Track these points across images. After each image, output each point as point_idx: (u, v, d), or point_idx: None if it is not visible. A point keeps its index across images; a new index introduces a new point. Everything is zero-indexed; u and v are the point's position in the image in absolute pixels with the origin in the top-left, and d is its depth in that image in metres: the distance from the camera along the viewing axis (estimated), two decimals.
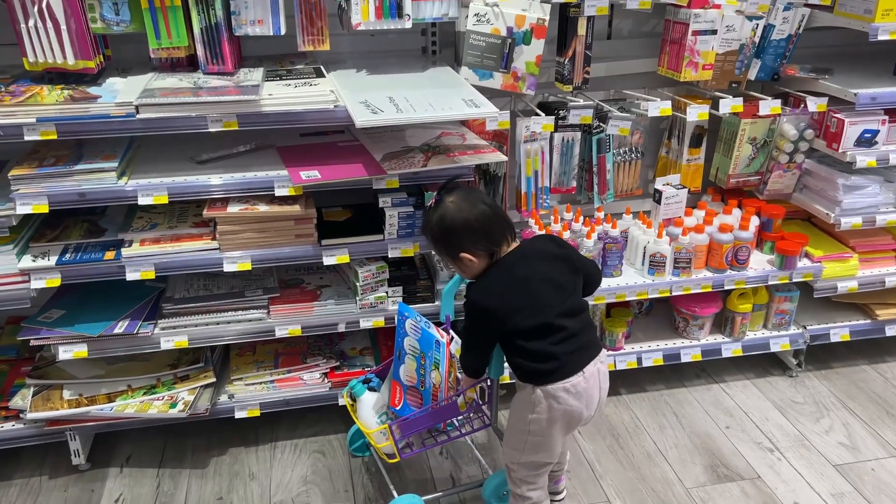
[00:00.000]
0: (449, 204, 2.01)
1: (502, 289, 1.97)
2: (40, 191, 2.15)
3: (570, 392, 1.94)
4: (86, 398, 2.42)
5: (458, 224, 1.98)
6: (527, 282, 1.96)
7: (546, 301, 1.95)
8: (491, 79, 2.51)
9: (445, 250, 2.04)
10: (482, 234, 1.98)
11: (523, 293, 1.95)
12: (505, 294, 1.96)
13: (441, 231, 2.01)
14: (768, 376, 3.05)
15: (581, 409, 1.98)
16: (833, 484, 2.48)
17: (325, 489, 2.46)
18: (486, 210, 1.99)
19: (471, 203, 1.99)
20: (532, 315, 1.93)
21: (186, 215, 2.43)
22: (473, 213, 1.98)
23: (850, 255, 2.93)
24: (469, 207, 1.99)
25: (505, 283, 1.97)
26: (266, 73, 2.38)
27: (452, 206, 2.00)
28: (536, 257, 2.01)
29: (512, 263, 2.00)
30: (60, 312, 2.41)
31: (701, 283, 2.78)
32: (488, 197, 2.03)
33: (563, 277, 2.01)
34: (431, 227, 2.04)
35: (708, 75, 2.66)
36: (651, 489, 2.46)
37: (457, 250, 2.00)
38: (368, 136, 2.55)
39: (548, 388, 1.94)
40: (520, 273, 1.98)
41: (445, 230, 2.00)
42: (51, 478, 2.52)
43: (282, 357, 2.67)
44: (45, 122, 2.07)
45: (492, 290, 1.97)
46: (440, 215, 2.01)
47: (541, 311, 1.94)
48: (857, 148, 2.71)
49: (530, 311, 1.93)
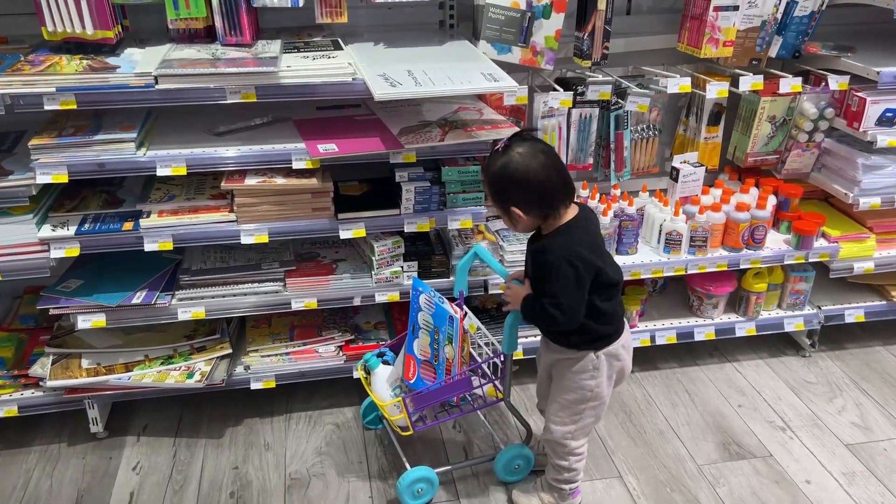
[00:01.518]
0: (515, 154, 1.92)
1: (586, 244, 1.96)
2: (60, 160, 2.16)
3: (626, 347, 2.11)
4: (104, 367, 2.45)
5: (518, 178, 1.92)
6: (597, 240, 2.04)
7: (612, 261, 2.05)
8: (509, 53, 2.49)
9: (498, 199, 2.00)
10: (537, 195, 1.93)
11: (601, 250, 2.02)
12: (590, 248, 1.96)
13: (500, 179, 1.95)
14: (782, 356, 3.05)
15: (629, 362, 2.15)
16: (845, 463, 2.49)
17: (340, 460, 2.49)
18: (549, 171, 1.92)
19: (537, 160, 1.91)
20: (613, 270, 2.02)
21: (204, 187, 2.44)
22: (536, 171, 1.91)
23: (867, 236, 2.91)
24: (535, 165, 1.91)
25: (584, 238, 1.97)
26: (284, 45, 2.37)
27: (518, 157, 1.92)
28: (592, 224, 2.06)
29: (583, 225, 2.00)
30: (79, 282, 2.44)
31: (716, 262, 2.77)
32: (557, 157, 1.96)
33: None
34: (490, 173, 1.97)
35: (728, 52, 2.64)
36: (663, 465, 2.47)
37: (508, 203, 1.96)
38: (385, 110, 2.55)
39: (609, 349, 2.06)
40: (593, 230, 2.03)
41: (504, 180, 1.94)
42: (69, 445, 2.56)
43: (297, 330, 2.69)
44: (65, 91, 2.07)
45: (579, 244, 1.94)
46: (503, 164, 1.93)
47: (613, 269, 2.03)
48: (878, 127, 2.68)
49: (611, 267, 2.02)
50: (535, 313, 2.01)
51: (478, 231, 2.73)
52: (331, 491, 2.37)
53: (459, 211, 2.47)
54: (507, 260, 2.62)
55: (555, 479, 2.22)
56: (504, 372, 2.32)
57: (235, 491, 2.37)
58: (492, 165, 1.97)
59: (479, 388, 2.33)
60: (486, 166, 2.02)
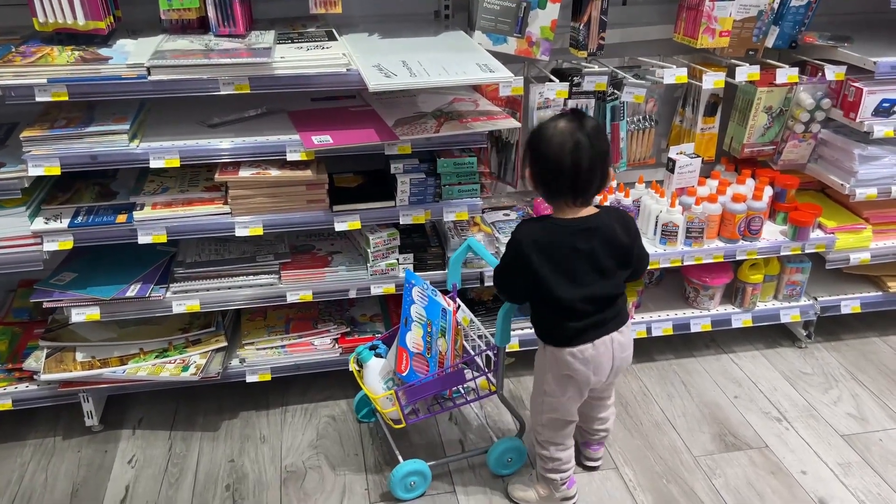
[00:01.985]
0: (553, 125, 1.91)
1: (544, 245, 1.93)
2: (52, 152, 2.14)
3: (577, 357, 2.02)
4: (98, 360, 2.44)
5: (538, 146, 1.93)
6: (577, 257, 1.95)
7: (583, 282, 1.96)
8: (505, 44, 2.48)
9: (524, 156, 2.02)
10: (544, 172, 1.94)
11: (567, 266, 1.94)
12: (543, 249, 1.93)
13: (530, 138, 1.98)
14: (778, 347, 3.05)
15: (588, 375, 2.05)
16: (840, 454, 2.49)
17: (335, 453, 2.49)
18: (565, 160, 1.88)
19: (565, 143, 1.88)
20: (566, 288, 1.95)
21: (198, 179, 2.43)
22: (555, 151, 1.89)
23: (863, 227, 2.91)
24: (558, 144, 1.88)
25: (550, 240, 1.94)
26: (277, 35, 2.36)
27: (553, 129, 1.91)
28: (601, 237, 1.96)
29: (575, 232, 1.95)
30: (73, 275, 2.42)
31: (713, 254, 2.76)
32: (590, 155, 1.88)
33: (610, 265, 1.99)
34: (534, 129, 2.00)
35: (725, 42, 2.62)
36: (659, 457, 2.48)
37: (526, 163, 1.99)
38: (380, 101, 2.53)
39: (556, 350, 2.04)
40: (579, 245, 1.94)
41: (530, 140, 1.97)
42: (64, 438, 2.55)
43: (293, 322, 2.68)
44: (56, 83, 2.05)
45: (532, 236, 1.94)
46: (541, 127, 1.94)
47: (571, 290, 1.96)
48: (874, 118, 2.67)
49: (565, 285, 1.95)
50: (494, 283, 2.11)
51: (474, 223, 2.72)
52: (326, 483, 2.37)
53: (455, 203, 2.46)
54: (502, 252, 2.60)
55: (543, 468, 2.22)
56: (497, 365, 2.32)
57: (231, 484, 2.37)
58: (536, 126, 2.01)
59: (471, 380, 2.33)
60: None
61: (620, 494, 2.33)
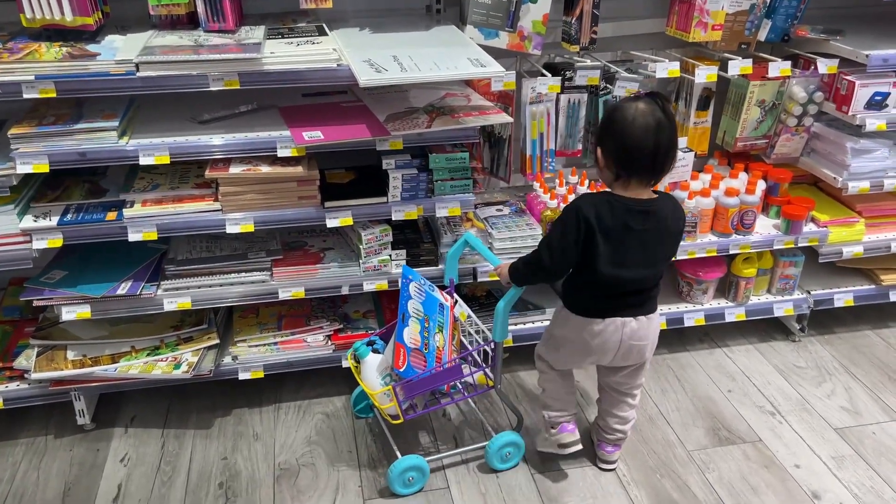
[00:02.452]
0: (633, 106, 1.95)
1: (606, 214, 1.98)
2: (40, 150, 2.13)
3: (585, 328, 2.12)
4: (90, 359, 2.42)
5: (616, 125, 1.96)
6: (629, 236, 2.01)
7: (628, 263, 2.03)
8: (496, 38, 2.47)
9: (598, 134, 2.06)
10: (622, 154, 1.97)
11: (617, 243, 2.00)
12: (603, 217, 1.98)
13: (605, 118, 2.03)
14: (771, 341, 3.06)
15: (591, 349, 2.15)
16: (834, 447, 2.50)
17: (329, 450, 2.48)
18: (645, 139, 1.92)
19: (644, 122, 1.92)
20: (609, 265, 2.01)
21: (188, 176, 2.41)
22: (635, 130, 1.93)
23: (856, 220, 2.91)
24: (640, 124, 1.92)
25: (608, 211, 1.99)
26: (268, 31, 2.34)
27: (632, 110, 1.94)
28: (655, 221, 2.02)
29: (633, 211, 2.00)
30: (63, 273, 2.41)
31: (706, 248, 2.76)
32: (667, 135, 1.94)
33: (656, 253, 2.07)
34: (609, 109, 2.04)
35: (717, 36, 2.62)
36: (653, 451, 2.47)
37: (599, 142, 2.03)
38: (371, 96, 2.52)
39: (571, 315, 2.15)
40: (633, 225, 2.00)
41: (607, 119, 2.02)
42: (56, 437, 2.54)
43: (285, 319, 2.67)
44: (44, 79, 2.04)
45: (594, 205, 1.99)
46: (617, 106, 2.00)
47: (613, 269, 2.02)
48: (867, 111, 2.67)
49: (610, 262, 2.01)
50: (525, 258, 2.13)
51: (466, 218, 2.71)
52: (320, 480, 2.36)
53: (447, 198, 2.45)
54: (495, 247, 2.60)
55: (541, 403, 2.39)
56: (495, 360, 2.31)
57: (224, 481, 2.36)
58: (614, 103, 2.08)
59: (469, 375, 2.32)
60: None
61: (614, 489, 2.33)
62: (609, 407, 2.32)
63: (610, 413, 2.32)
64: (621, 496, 2.30)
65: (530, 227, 2.65)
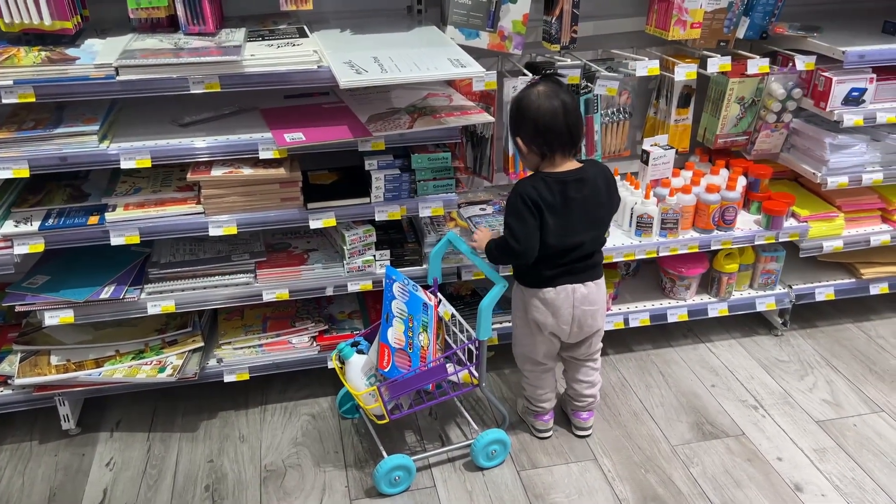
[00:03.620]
0: (535, 90, 2.12)
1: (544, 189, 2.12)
2: (20, 155, 2.12)
3: (539, 299, 2.24)
4: (73, 363, 2.41)
5: (528, 112, 2.12)
6: (570, 205, 2.14)
7: (573, 231, 2.17)
8: (477, 38, 2.48)
9: (510, 128, 2.22)
10: (539, 133, 2.12)
11: (562, 214, 2.14)
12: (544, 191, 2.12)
13: (514, 108, 2.18)
14: (754, 335, 3.09)
15: (547, 316, 2.26)
16: (816, 439, 2.53)
17: (316, 451, 2.48)
18: (557, 116, 2.09)
19: (550, 102, 2.09)
20: (556, 236, 2.14)
21: (170, 179, 2.41)
22: (546, 111, 2.09)
23: (835, 215, 2.94)
24: (547, 105, 2.09)
25: (548, 190, 2.12)
26: (248, 33, 2.34)
27: (535, 94, 2.11)
28: (590, 187, 2.17)
29: (567, 182, 2.14)
30: (45, 278, 2.40)
31: (688, 244, 2.79)
32: (574, 109, 2.13)
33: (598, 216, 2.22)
34: (512, 101, 2.19)
35: (696, 34, 2.64)
36: (637, 447, 2.49)
37: (514, 133, 2.19)
38: (353, 97, 2.52)
39: (525, 291, 2.27)
40: (572, 194, 2.14)
41: (516, 110, 2.17)
42: (41, 443, 2.53)
43: (270, 321, 2.67)
44: (23, 84, 2.03)
45: (536, 188, 2.12)
46: (522, 95, 2.16)
47: (560, 238, 2.15)
48: (844, 107, 2.70)
49: (557, 233, 2.14)
50: (497, 244, 2.22)
51: (450, 218, 2.72)
52: (307, 481, 2.36)
53: (430, 198, 2.46)
54: None
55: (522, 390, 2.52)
56: (479, 358, 2.33)
57: (210, 484, 2.36)
58: (513, 98, 2.19)
59: (454, 374, 2.33)
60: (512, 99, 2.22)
61: (599, 485, 2.34)
62: (575, 374, 2.45)
63: (577, 380, 2.45)
64: (606, 491, 2.32)
65: None
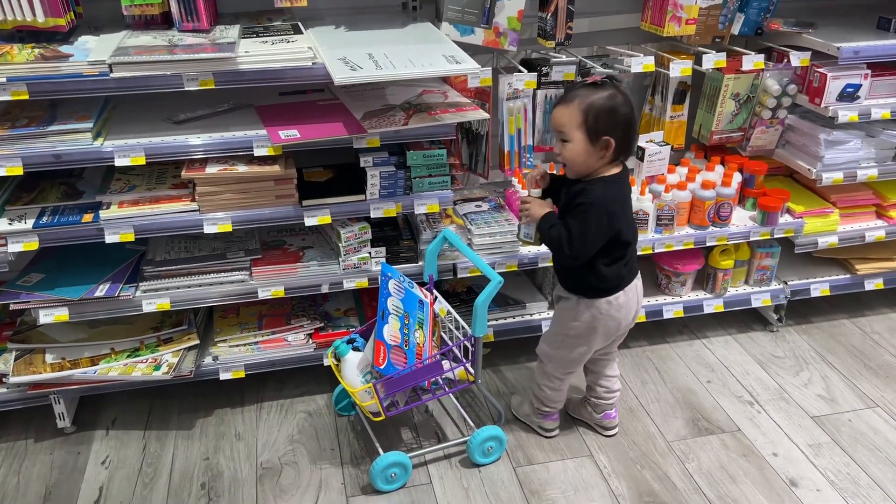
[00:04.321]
0: (617, 95, 2.03)
1: (623, 200, 2.15)
2: (14, 152, 2.11)
3: (612, 305, 2.22)
4: (69, 362, 2.41)
5: (619, 115, 2.03)
6: (629, 202, 2.19)
7: (635, 228, 2.21)
8: (472, 35, 2.48)
9: (594, 125, 2.03)
10: (627, 137, 2.08)
11: (629, 211, 2.19)
12: (624, 206, 2.15)
13: (606, 107, 2.02)
14: (749, 331, 3.09)
15: (620, 322, 2.26)
16: (811, 435, 2.53)
17: (312, 448, 2.48)
18: (634, 121, 2.09)
19: (630, 108, 2.07)
20: (630, 230, 2.17)
21: (165, 177, 2.40)
22: (631, 115, 2.07)
23: (831, 211, 2.94)
24: (629, 110, 2.06)
25: (624, 196, 2.15)
26: (242, 30, 2.34)
27: (620, 97, 2.04)
28: (628, 185, 2.19)
29: (626, 180, 2.16)
30: (40, 276, 2.39)
31: (683, 240, 2.79)
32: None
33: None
34: (596, 98, 2.02)
35: (691, 30, 2.64)
36: (633, 442, 2.50)
37: (606, 132, 2.04)
38: (348, 94, 2.52)
39: (597, 303, 2.21)
40: (628, 191, 2.17)
41: (610, 109, 2.02)
42: (36, 441, 2.52)
43: (266, 319, 2.67)
44: (16, 81, 2.02)
45: (616, 200, 2.11)
46: (612, 94, 2.03)
47: (631, 229, 2.18)
48: (839, 103, 2.70)
49: (630, 231, 2.17)
50: (552, 235, 2.14)
51: (445, 215, 2.72)
52: (303, 479, 2.36)
53: (426, 195, 2.46)
54: (475, 243, 2.61)
55: (534, 393, 2.46)
56: (475, 355, 2.33)
57: (206, 482, 2.36)
58: (593, 93, 2.03)
59: (450, 371, 2.33)
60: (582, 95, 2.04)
61: (595, 481, 2.35)
62: (604, 370, 2.45)
63: (607, 376, 2.45)
64: (602, 488, 2.32)
65: (509, 222, 2.66)
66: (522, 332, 2.79)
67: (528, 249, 2.67)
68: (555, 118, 2.09)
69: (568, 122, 2.05)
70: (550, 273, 2.84)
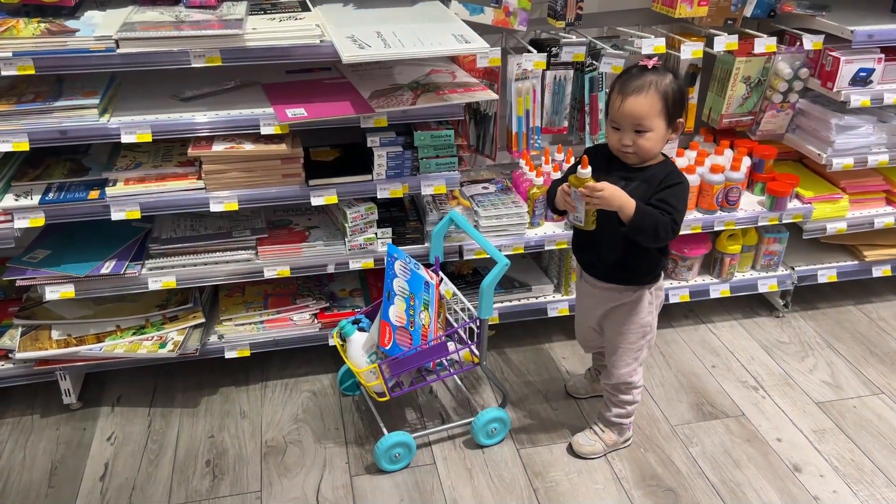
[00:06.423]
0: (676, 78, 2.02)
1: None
2: (20, 128, 2.11)
3: (661, 288, 2.25)
4: (74, 338, 2.41)
5: (685, 91, 2.07)
6: None
7: None
8: (482, 14, 2.45)
9: (672, 110, 2.00)
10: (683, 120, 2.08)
11: None
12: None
13: (680, 92, 2.01)
14: (755, 317, 3.08)
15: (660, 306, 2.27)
16: (815, 421, 2.53)
17: (316, 427, 2.49)
18: None
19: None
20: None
21: (171, 154, 2.39)
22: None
23: (840, 196, 2.92)
24: None
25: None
26: (250, 6, 2.31)
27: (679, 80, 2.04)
28: None
29: None
30: (46, 252, 2.39)
31: (691, 224, 2.77)
32: None
33: None
34: (671, 82, 1.98)
35: (703, 11, 2.60)
36: (637, 426, 2.50)
37: (679, 115, 2.03)
38: (356, 73, 2.50)
39: (660, 283, 2.22)
40: None
41: (682, 93, 2.03)
42: (42, 416, 2.53)
43: (271, 298, 2.67)
44: (22, 56, 2.01)
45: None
46: (672, 76, 2.00)
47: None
48: (851, 87, 2.67)
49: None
50: (657, 220, 1.98)
51: (452, 196, 2.71)
52: (307, 457, 2.37)
53: (433, 176, 2.44)
54: (481, 225, 2.60)
55: (618, 416, 2.35)
56: (480, 337, 2.32)
57: (211, 459, 2.37)
58: (659, 78, 1.97)
59: (455, 353, 2.33)
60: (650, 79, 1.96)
61: (598, 463, 2.35)
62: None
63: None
64: (605, 470, 2.33)
65: (516, 204, 2.65)
66: (528, 315, 2.79)
67: (535, 232, 2.66)
68: (633, 111, 1.95)
69: (648, 111, 1.95)
70: (556, 256, 2.83)
